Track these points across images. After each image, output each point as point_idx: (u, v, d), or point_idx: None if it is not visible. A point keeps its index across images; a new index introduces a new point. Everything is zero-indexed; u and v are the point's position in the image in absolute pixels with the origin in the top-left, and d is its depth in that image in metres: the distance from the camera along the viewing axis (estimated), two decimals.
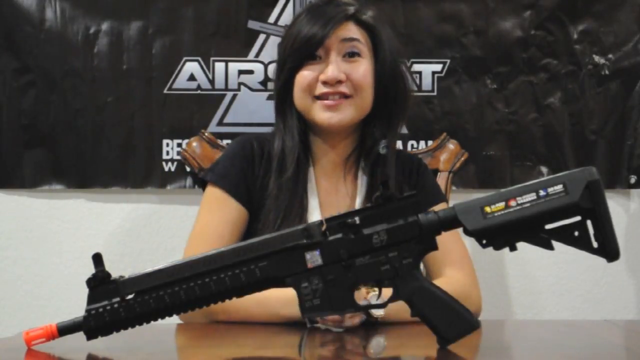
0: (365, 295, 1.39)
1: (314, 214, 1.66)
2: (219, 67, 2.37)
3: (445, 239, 1.24)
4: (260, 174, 1.69)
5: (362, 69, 1.65)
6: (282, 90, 1.69)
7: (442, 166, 2.11)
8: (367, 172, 1.71)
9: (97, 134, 2.36)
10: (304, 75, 1.65)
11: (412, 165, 1.77)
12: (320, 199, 1.69)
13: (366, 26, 1.68)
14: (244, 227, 1.68)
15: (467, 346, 1.21)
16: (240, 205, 1.67)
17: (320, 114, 1.65)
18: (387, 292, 1.22)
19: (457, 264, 1.66)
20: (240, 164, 1.69)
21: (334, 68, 1.63)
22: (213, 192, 1.69)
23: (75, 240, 2.38)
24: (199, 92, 2.37)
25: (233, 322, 1.50)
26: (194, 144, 2.11)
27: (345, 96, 1.64)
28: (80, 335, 1.20)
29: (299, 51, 1.64)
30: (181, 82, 2.37)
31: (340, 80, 1.63)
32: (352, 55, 1.66)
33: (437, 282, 1.53)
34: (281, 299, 1.44)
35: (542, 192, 1.14)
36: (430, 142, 2.32)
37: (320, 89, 1.64)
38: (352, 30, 1.66)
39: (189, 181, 2.35)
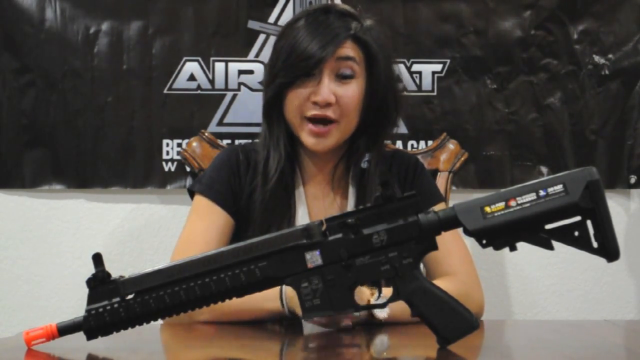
0: (369, 296, 1.38)
1: (303, 223, 1.66)
2: (219, 67, 2.37)
3: (446, 239, 1.24)
4: (247, 183, 1.70)
5: (352, 92, 1.65)
6: (271, 101, 1.69)
7: (442, 166, 2.11)
8: (355, 184, 1.71)
9: (97, 134, 2.36)
10: (296, 95, 1.65)
11: (408, 165, 1.77)
12: (309, 209, 1.71)
13: (363, 43, 1.67)
14: (231, 235, 1.70)
15: (467, 346, 1.21)
16: (227, 213, 1.69)
17: (307, 139, 1.66)
18: (387, 292, 1.22)
19: (459, 264, 1.66)
20: (227, 174, 1.71)
21: (325, 91, 1.63)
22: (200, 201, 1.71)
23: (75, 240, 2.38)
24: (199, 92, 2.37)
25: (223, 323, 1.50)
26: (194, 144, 2.12)
27: (331, 121, 1.64)
28: (80, 335, 1.21)
29: (293, 68, 1.64)
30: (181, 82, 2.37)
31: (330, 103, 1.63)
32: (345, 77, 1.65)
33: (438, 282, 1.53)
34: (264, 296, 1.43)
35: (542, 192, 1.14)
36: (430, 142, 2.32)
37: (311, 111, 1.64)
38: (348, 49, 1.65)
39: (189, 181, 2.34)
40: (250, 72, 2.37)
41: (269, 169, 1.68)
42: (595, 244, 1.16)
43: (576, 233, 1.15)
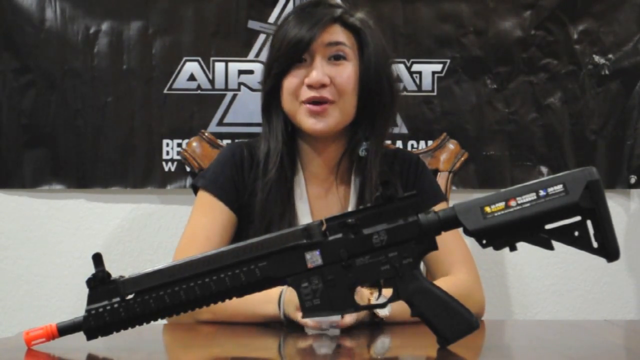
0: (369, 296, 1.39)
1: (304, 220, 1.67)
2: (219, 67, 2.37)
3: (447, 239, 1.25)
4: (250, 179, 1.70)
5: (346, 73, 1.65)
6: (268, 95, 1.70)
7: (442, 166, 2.11)
8: (357, 176, 1.71)
9: (97, 134, 2.36)
10: (290, 81, 1.65)
11: (410, 164, 1.77)
12: (310, 204, 1.70)
13: (352, 29, 1.68)
14: (233, 231, 1.70)
15: (467, 346, 1.21)
16: (230, 210, 1.69)
17: (306, 120, 1.66)
18: (387, 292, 1.22)
19: (460, 264, 1.67)
20: (230, 170, 1.71)
21: (318, 72, 1.63)
22: (203, 197, 1.71)
23: (75, 240, 2.38)
24: (199, 92, 2.37)
25: (224, 323, 1.51)
26: (194, 144, 2.12)
27: (328, 101, 1.64)
28: (80, 335, 1.21)
29: (286, 56, 1.65)
30: (181, 82, 2.37)
31: (324, 84, 1.63)
32: (337, 58, 1.66)
33: (439, 282, 1.53)
34: (263, 298, 1.44)
35: (542, 192, 1.14)
36: (430, 142, 2.32)
37: (306, 94, 1.64)
38: (337, 33, 1.66)
39: (189, 181, 2.34)
40: (250, 72, 2.37)
41: (269, 163, 1.68)
42: (595, 244, 1.16)
43: (576, 233, 1.15)
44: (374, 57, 1.68)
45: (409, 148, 2.37)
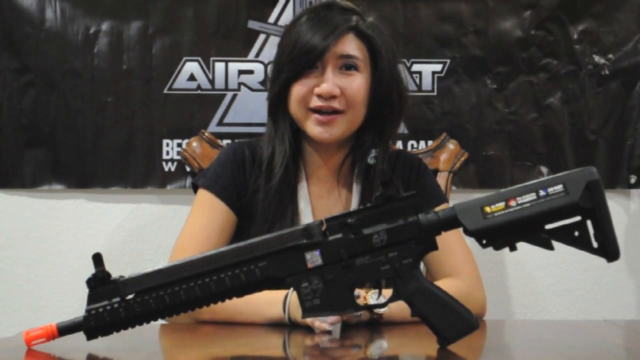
0: (365, 295, 1.39)
1: (306, 221, 1.66)
2: (219, 67, 2.37)
3: (448, 240, 1.24)
4: (251, 179, 1.70)
5: (357, 84, 1.65)
6: (276, 97, 1.69)
7: (442, 166, 2.11)
8: (360, 180, 1.71)
9: (97, 134, 2.36)
10: (300, 89, 1.65)
11: (412, 166, 1.77)
12: (313, 206, 1.70)
13: (366, 37, 1.67)
14: (233, 231, 1.70)
15: (467, 346, 1.21)
16: (230, 209, 1.69)
17: (313, 128, 1.65)
18: (387, 292, 1.22)
19: (461, 265, 1.66)
20: (231, 170, 1.71)
21: (329, 83, 1.62)
22: (203, 195, 1.71)
23: (75, 240, 2.38)
24: (199, 92, 2.37)
25: (223, 323, 1.51)
26: (194, 144, 2.12)
27: (337, 112, 1.64)
28: (80, 335, 1.21)
29: (297, 62, 1.64)
30: (181, 82, 2.37)
31: (334, 95, 1.63)
32: (348, 67, 1.65)
33: (440, 282, 1.53)
34: (266, 300, 1.44)
35: (542, 192, 1.14)
36: (430, 142, 2.32)
37: (315, 102, 1.64)
38: (351, 44, 1.65)
39: (189, 181, 2.34)
40: (250, 72, 2.37)
41: (274, 165, 1.68)
42: (595, 244, 1.16)
43: (576, 233, 1.15)
44: (387, 67, 1.67)
45: (409, 148, 2.37)
